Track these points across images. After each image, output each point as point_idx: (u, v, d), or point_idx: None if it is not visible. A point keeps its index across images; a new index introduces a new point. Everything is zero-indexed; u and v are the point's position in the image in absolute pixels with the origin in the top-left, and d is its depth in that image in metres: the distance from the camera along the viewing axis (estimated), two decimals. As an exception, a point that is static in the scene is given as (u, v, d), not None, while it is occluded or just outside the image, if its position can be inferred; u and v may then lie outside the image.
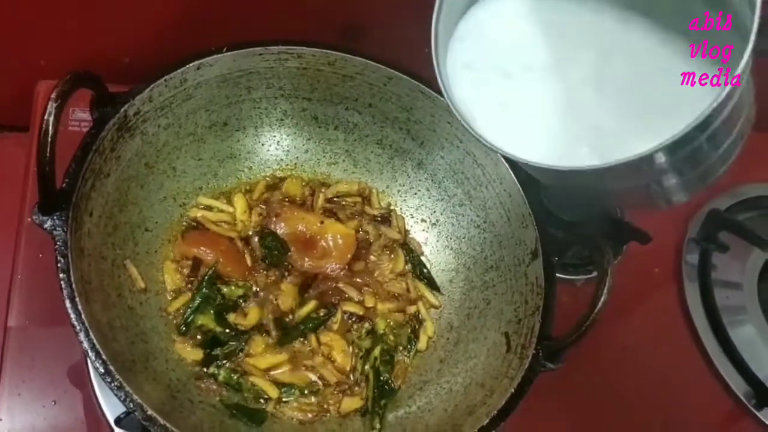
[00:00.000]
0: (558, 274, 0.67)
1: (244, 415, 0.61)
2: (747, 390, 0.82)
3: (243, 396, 0.63)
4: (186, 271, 0.68)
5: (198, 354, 0.64)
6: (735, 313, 0.87)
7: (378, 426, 0.64)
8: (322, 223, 0.73)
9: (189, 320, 0.65)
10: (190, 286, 0.67)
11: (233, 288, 0.68)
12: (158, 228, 0.69)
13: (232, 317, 0.67)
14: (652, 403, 0.81)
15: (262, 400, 0.64)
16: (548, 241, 0.64)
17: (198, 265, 0.68)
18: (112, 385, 0.51)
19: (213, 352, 0.65)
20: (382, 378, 0.67)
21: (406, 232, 0.77)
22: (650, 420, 0.80)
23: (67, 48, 0.79)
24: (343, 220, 0.75)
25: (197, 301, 0.66)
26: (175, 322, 0.66)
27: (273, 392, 0.64)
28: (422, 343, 0.71)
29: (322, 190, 0.77)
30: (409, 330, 0.71)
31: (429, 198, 0.77)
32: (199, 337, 0.65)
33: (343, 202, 0.77)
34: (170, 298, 0.67)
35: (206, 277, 0.67)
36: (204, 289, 0.66)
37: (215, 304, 0.67)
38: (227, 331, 0.66)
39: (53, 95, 0.51)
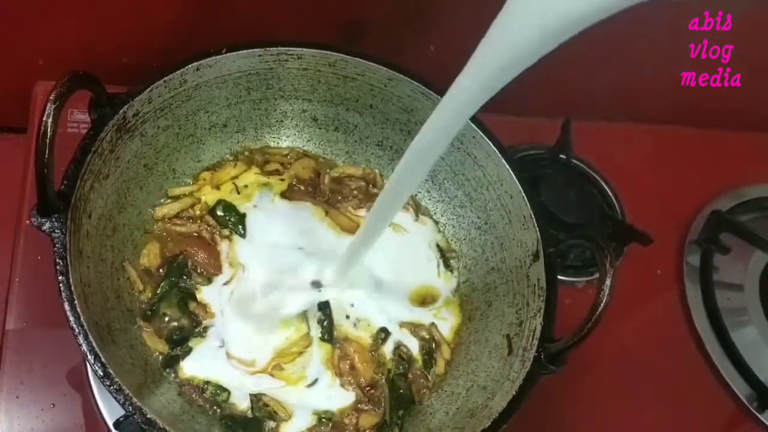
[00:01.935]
0: (559, 276, 0.67)
1: (240, 426, 0.60)
2: (749, 392, 0.82)
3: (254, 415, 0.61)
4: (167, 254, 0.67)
5: (164, 346, 0.62)
6: (737, 314, 0.87)
7: None
8: (327, 213, 0.73)
9: (155, 307, 0.63)
10: (161, 271, 0.66)
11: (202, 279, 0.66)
12: (157, 230, 0.68)
13: (192, 306, 0.65)
14: (653, 405, 0.81)
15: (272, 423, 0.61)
16: (550, 242, 0.64)
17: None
18: (111, 388, 0.50)
19: (173, 352, 0.62)
20: (399, 389, 0.65)
21: (418, 206, 0.76)
22: (651, 422, 0.80)
23: (66, 48, 0.78)
24: (352, 208, 0.74)
25: (164, 288, 0.64)
26: (142, 306, 0.63)
27: (285, 413, 0.61)
28: (440, 368, 0.68)
29: (327, 170, 0.76)
30: (424, 352, 0.68)
31: (429, 200, 0.76)
32: (163, 325, 0.63)
33: (350, 184, 0.76)
34: (139, 279, 0.64)
35: (176, 263, 0.66)
36: (172, 276, 0.65)
37: (180, 291, 0.65)
38: (191, 323, 0.64)
39: (52, 97, 0.50)
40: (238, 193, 0.72)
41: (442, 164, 0.74)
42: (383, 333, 0.67)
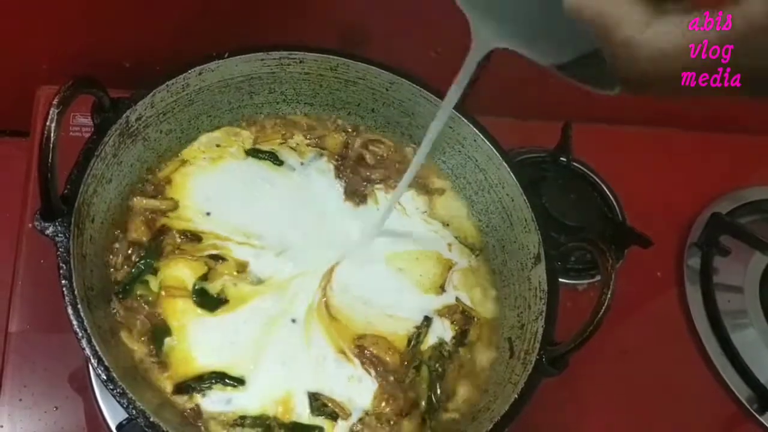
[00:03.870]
0: (560, 279, 0.67)
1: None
2: (749, 394, 0.82)
3: None
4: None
5: (141, 347, 0.59)
6: (737, 316, 0.87)
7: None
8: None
9: (128, 286, 0.61)
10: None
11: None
12: (160, 233, 0.68)
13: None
14: (654, 408, 0.81)
15: None
16: (551, 245, 0.64)
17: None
18: (115, 391, 0.50)
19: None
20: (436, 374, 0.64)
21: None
22: (652, 424, 0.80)
23: (68, 52, 0.78)
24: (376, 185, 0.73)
25: (145, 260, 0.62)
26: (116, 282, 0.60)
27: (344, 412, 0.60)
28: (473, 335, 0.66)
29: (355, 134, 0.75)
30: (457, 327, 0.66)
31: (430, 202, 0.77)
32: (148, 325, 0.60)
33: (376, 151, 0.75)
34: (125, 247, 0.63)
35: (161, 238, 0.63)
36: (149, 257, 0.62)
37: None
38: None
39: (55, 101, 0.50)
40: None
41: (443, 167, 0.74)
42: (426, 321, 0.65)
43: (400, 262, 0.68)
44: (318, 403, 0.59)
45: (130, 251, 0.62)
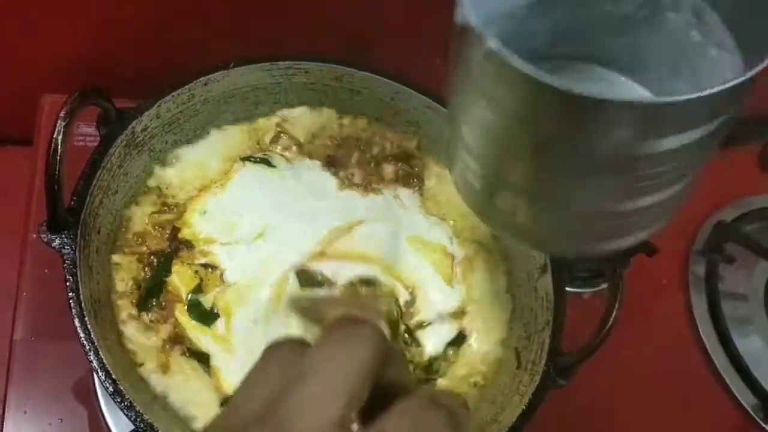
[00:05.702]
0: (566, 287, 0.67)
1: None
2: (755, 403, 0.82)
3: None
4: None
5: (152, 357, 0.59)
6: (742, 324, 0.87)
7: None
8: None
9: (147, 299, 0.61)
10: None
11: None
12: (165, 244, 0.68)
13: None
14: (658, 416, 0.81)
15: None
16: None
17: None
18: (122, 404, 0.50)
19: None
20: None
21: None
22: (657, 432, 0.80)
23: (73, 61, 0.78)
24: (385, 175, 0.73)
25: (163, 269, 0.62)
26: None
27: None
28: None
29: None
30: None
31: (435, 211, 0.76)
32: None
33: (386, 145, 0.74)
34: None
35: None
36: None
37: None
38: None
39: (62, 113, 0.50)
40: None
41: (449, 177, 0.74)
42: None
43: (416, 244, 0.68)
44: None
45: (140, 261, 0.62)
